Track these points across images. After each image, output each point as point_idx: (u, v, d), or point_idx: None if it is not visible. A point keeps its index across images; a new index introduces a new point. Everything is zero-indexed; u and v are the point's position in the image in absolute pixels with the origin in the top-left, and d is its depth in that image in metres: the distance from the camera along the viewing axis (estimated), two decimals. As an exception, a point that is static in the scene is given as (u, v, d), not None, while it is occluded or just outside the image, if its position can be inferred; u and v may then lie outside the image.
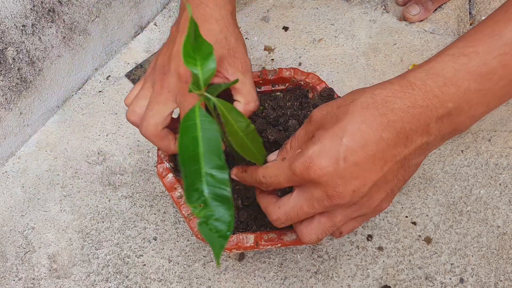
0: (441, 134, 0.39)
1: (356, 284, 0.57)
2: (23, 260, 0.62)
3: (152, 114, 0.47)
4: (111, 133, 0.73)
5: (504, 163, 0.65)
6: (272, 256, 0.60)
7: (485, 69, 0.36)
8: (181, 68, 0.46)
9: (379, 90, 0.39)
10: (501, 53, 0.36)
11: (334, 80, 0.76)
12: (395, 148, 0.38)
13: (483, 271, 0.58)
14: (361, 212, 0.42)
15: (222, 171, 0.33)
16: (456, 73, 0.37)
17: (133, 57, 0.81)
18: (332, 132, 0.38)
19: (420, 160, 0.41)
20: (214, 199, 0.33)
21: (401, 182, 0.41)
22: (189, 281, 0.59)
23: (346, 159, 0.38)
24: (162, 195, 0.66)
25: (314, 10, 0.86)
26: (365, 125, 0.37)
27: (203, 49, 0.36)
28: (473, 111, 0.38)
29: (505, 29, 0.37)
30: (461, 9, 0.82)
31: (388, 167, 0.39)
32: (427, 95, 0.37)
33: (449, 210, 0.62)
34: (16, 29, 0.63)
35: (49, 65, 0.70)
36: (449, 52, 0.38)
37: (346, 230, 0.44)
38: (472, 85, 0.37)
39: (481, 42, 0.37)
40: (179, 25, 0.49)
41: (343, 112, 0.39)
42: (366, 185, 0.39)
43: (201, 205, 0.33)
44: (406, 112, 0.37)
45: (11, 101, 0.66)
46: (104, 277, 0.60)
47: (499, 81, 0.37)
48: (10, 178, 0.69)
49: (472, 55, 0.37)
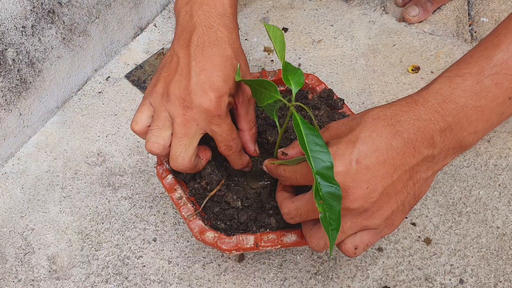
0: (446, 147, 0.42)
1: (356, 285, 0.58)
2: (23, 261, 0.62)
3: (185, 149, 0.48)
4: (111, 134, 0.73)
5: (503, 164, 0.66)
6: (271, 257, 0.60)
7: (479, 87, 0.41)
8: (206, 103, 0.46)
9: (388, 106, 0.43)
10: (493, 73, 0.40)
11: (333, 81, 0.76)
12: (403, 156, 0.41)
13: (482, 272, 0.58)
14: (372, 222, 0.42)
15: (330, 170, 0.39)
16: (453, 91, 0.41)
17: (133, 58, 0.81)
18: (346, 139, 0.42)
19: (428, 176, 0.43)
20: (328, 195, 0.38)
21: (412, 197, 0.43)
22: (188, 282, 0.59)
23: (358, 161, 0.40)
24: (162, 196, 0.66)
25: (313, 11, 0.86)
26: (376, 133, 0.41)
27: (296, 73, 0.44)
28: (474, 127, 0.41)
29: (495, 52, 0.41)
30: (460, 10, 0.82)
31: (398, 175, 0.41)
32: (429, 110, 0.41)
33: (449, 211, 0.62)
34: (16, 30, 0.63)
35: (49, 66, 0.70)
36: (446, 74, 0.42)
37: (362, 246, 0.44)
38: (469, 102, 0.41)
39: (474, 65, 0.41)
40: (189, 50, 0.47)
41: (356, 123, 0.42)
42: (376, 190, 0.40)
43: (321, 201, 0.38)
44: (412, 125, 0.41)
45: (11, 102, 0.66)
46: (103, 278, 0.60)
47: (494, 98, 0.41)
48: (9, 179, 0.69)
49: (466, 75, 0.41)
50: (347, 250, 0.44)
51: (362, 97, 0.74)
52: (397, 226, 0.44)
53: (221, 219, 0.52)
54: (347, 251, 0.44)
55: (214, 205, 0.53)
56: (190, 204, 0.51)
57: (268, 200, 0.54)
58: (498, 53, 0.40)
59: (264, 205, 0.53)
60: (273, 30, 0.43)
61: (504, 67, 0.40)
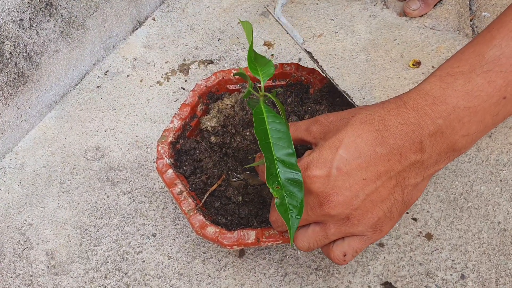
0: (436, 152, 0.40)
1: (357, 280, 0.57)
2: (21, 256, 0.61)
3: None
4: (110, 129, 0.72)
5: (505, 159, 0.65)
6: (272, 253, 0.60)
7: (471, 86, 0.38)
8: None
9: (377, 108, 0.41)
10: (485, 71, 0.38)
11: (334, 75, 0.75)
12: (388, 163, 0.39)
13: (484, 267, 0.57)
14: (356, 229, 0.42)
15: (291, 157, 0.39)
16: (444, 91, 0.39)
17: (132, 52, 0.81)
18: (330, 143, 0.40)
19: (417, 181, 0.41)
20: (287, 181, 0.38)
21: (400, 203, 0.42)
22: (188, 277, 0.59)
23: (339, 168, 0.39)
24: (161, 191, 0.66)
25: (314, 6, 0.85)
26: (361, 139, 0.40)
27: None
28: (466, 129, 0.39)
29: (487, 48, 0.38)
30: (462, 5, 0.82)
31: (382, 181, 0.40)
32: (418, 113, 0.39)
33: (450, 206, 0.62)
34: (13, 23, 0.62)
35: (47, 60, 0.69)
36: (437, 74, 0.40)
37: (350, 252, 0.43)
38: (461, 102, 0.38)
39: (465, 63, 0.39)
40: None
41: (343, 124, 0.41)
42: (357, 197, 0.40)
43: (277, 186, 0.38)
44: (399, 130, 0.39)
45: (9, 96, 0.66)
46: (103, 274, 0.59)
47: (488, 98, 0.38)
48: (7, 174, 0.68)
49: (457, 74, 0.39)
50: (336, 258, 0.44)
51: (363, 92, 0.73)
52: (386, 232, 0.43)
53: (222, 214, 0.52)
54: (336, 258, 0.44)
55: (215, 200, 0.53)
56: (190, 199, 0.51)
57: (269, 195, 0.53)
58: (491, 49, 0.38)
59: (265, 200, 0.53)
60: (246, 25, 0.43)
61: (497, 64, 0.37)
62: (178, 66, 0.79)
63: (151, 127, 0.72)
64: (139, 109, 0.74)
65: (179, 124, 0.56)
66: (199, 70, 0.78)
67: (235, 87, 0.60)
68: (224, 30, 0.83)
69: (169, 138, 0.55)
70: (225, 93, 0.60)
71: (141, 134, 0.71)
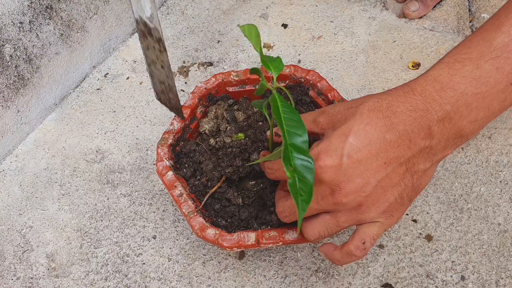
0: (444, 138, 0.40)
1: (357, 282, 0.57)
2: (21, 259, 0.61)
3: None
4: (110, 131, 0.72)
5: (505, 160, 0.65)
6: (272, 255, 0.60)
7: (479, 72, 0.38)
8: None
9: (385, 95, 0.41)
10: (493, 57, 0.38)
11: (333, 77, 0.76)
12: (398, 149, 0.40)
13: (484, 268, 0.57)
14: (368, 215, 0.42)
15: (304, 143, 0.39)
16: (452, 78, 0.39)
17: (132, 54, 0.81)
18: (339, 131, 0.40)
19: (427, 167, 0.42)
20: (300, 167, 0.38)
21: (410, 189, 0.42)
22: (188, 279, 0.59)
23: (349, 156, 0.39)
24: (161, 193, 0.66)
25: (313, 7, 0.85)
26: (370, 126, 0.40)
27: None
28: (474, 115, 0.39)
29: (496, 35, 0.38)
30: (461, 6, 0.82)
31: (392, 167, 0.40)
32: (426, 99, 0.39)
33: (450, 207, 0.62)
34: (13, 26, 0.62)
35: (47, 62, 0.69)
36: (445, 60, 0.40)
37: (368, 239, 0.43)
38: (469, 89, 0.38)
39: (473, 49, 0.39)
40: None
41: (352, 113, 0.41)
42: (369, 184, 0.40)
43: (291, 168, 0.38)
44: (408, 116, 0.39)
45: (8, 99, 0.66)
46: (103, 276, 0.59)
47: (495, 84, 0.38)
48: (7, 176, 0.68)
49: (465, 61, 0.39)
50: (356, 248, 0.43)
51: (362, 94, 0.73)
52: (398, 218, 0.43)
53: (222, 216, 0.52)
54: (356, 248, 0.43)
55: (215, 202, 0.53)
56: (190, 201, 0.51)
57: (269, 197, 0.53)
58: (499, 35, 0.38)
59: (265, 202, 0.53)
60: (248, 28, 0.43)
61: (505, 50, 0.38)
62: (178, 68, 0.79)
63: (151, 129, 0.72)
64: (139, 111, 0.74)
65: (179, 126, 0.56)
66: (198, 72, 0.78)
67: (234, 89, 0.60)
68: (223, 32, 0.83)
69: (169, 140, 0.55)
70: (224, 96, 0.60)
71: (141, 136, 0.71)
